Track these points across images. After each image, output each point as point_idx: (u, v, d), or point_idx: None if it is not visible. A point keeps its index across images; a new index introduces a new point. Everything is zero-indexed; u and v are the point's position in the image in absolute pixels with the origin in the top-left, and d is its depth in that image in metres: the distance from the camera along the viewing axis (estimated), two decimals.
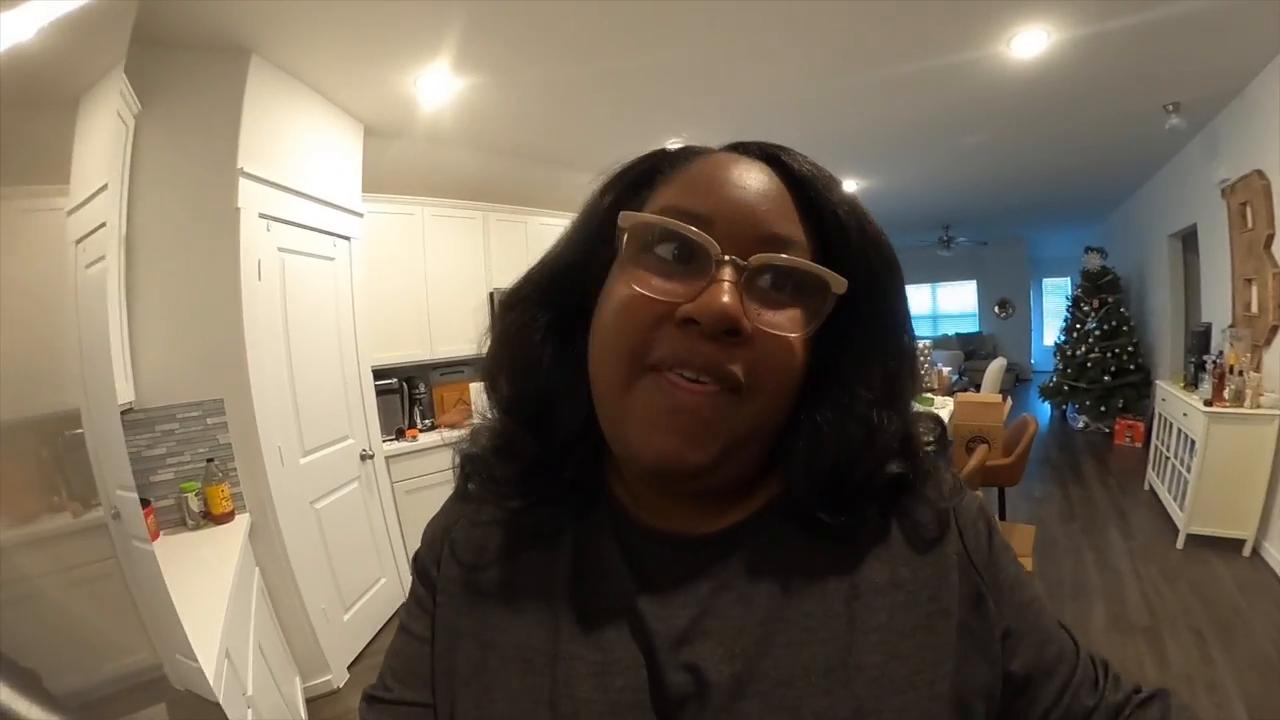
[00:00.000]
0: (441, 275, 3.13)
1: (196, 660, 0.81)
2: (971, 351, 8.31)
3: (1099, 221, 6.54)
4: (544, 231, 3.62)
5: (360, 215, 2.56)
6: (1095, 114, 2.95)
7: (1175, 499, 3.09)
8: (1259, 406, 2.62)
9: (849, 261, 0.34)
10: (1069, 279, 5.71)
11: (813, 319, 0.34)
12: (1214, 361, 2.94)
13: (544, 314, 0.38)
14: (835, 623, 0.34)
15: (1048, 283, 8.98)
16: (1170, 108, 2.77)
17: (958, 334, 9.01)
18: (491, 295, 3.33)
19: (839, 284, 0.33)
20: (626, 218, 0.34)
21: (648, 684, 0.34)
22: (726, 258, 0.32)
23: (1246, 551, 2.66)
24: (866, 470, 0.35)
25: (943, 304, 9.66)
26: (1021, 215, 6.45)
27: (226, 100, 1.85)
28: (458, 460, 0.43)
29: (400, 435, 2.90)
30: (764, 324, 0.32)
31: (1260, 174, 2.66)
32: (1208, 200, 3.27)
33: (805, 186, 0.35)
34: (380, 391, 2.75)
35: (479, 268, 3.32)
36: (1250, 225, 2.79)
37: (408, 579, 2.56)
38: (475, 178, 3.24)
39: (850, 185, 4.34)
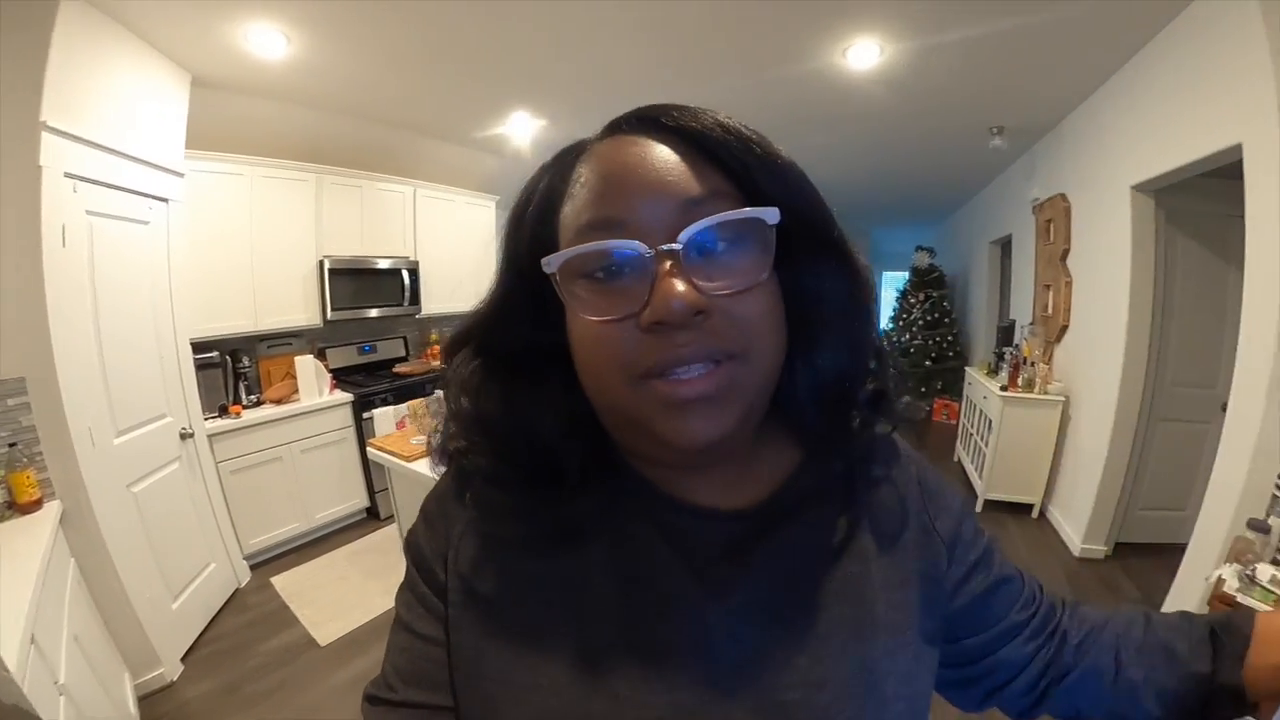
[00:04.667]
0: (270, 241, 3.36)
1: None
2: None
3: (938, 224, 8.03)
4: (381, 197, 3.92)
5: (181, 175, 2.71)
6: (931, 128, 3.73)
7: (977, 469, 4.15)
8: (1047, 393, 3.60)
9: (770, 189, 0.39)
10: (906, 273, 7.02)
11: (766, 260, 0.38)
12: (1012, 353, 3.94)
13: (497, 362, 0.46)
14: (853, 583, 0.46)
15: (887, 275, 10.61)
16: (995, 130, 3.61)
17: None
18: (322, 263, 3.60)
19: (770, 214, 0.37)
20: (549, 263, 0.38)
21: (698, 659, 0.42)
22: (656, 250, 0.36)
23: (1035, 514, 3.70)
24: (857, 387, 0.46)
25: None
26: (867, 214, 7.61)
27: (30, 43, 1.91)
28: (447, 454, 0.49)
29: (223, 412, 3.11)
30: (724, 288, 0.37)
31: (1063, 197, 3.57)
32: (1022, 215, 4.27)
33: (694, 138, 0.39)
34: (201, 365, 2.95)
35: (309, 233, 3.58)
36: (1052, 239, 3.73)
37: (239, 563, 2.98)
38: (310, 138, 3.43)
39: None
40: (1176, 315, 2.92)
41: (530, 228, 0.42)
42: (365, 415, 3.61)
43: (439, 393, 2.22)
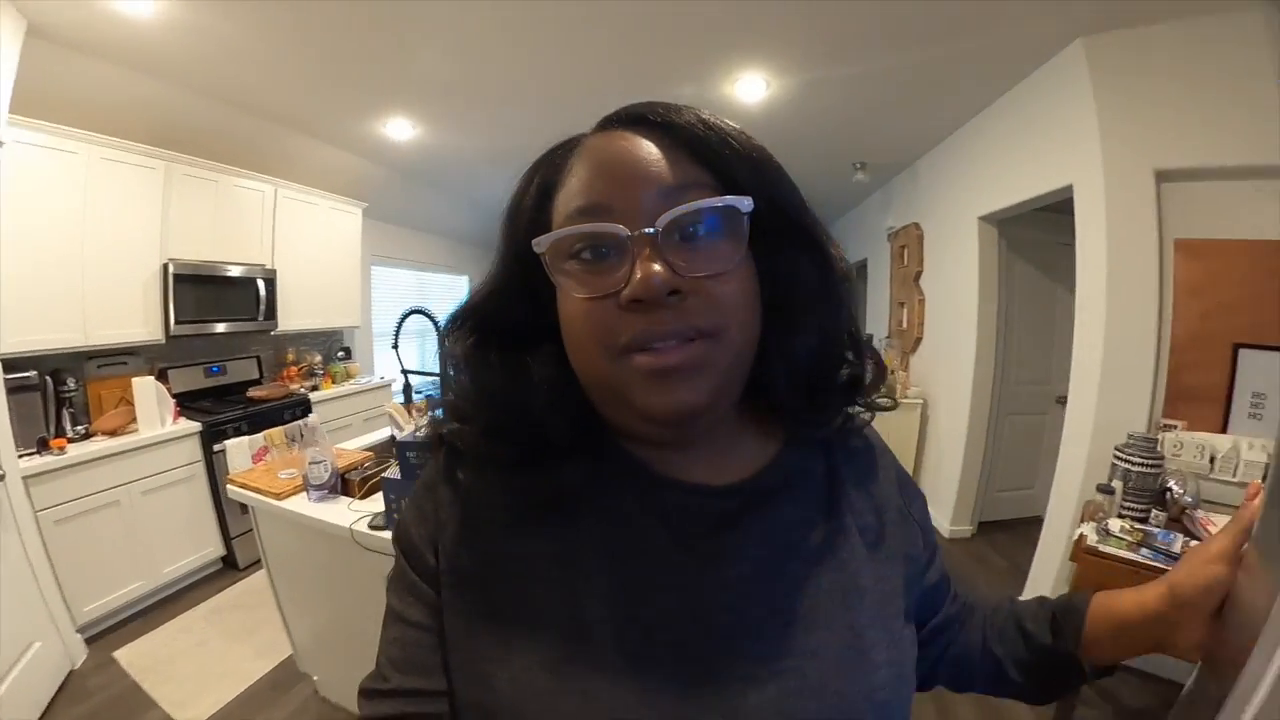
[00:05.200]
0: (106, 236, 2.83)
1: None
2: None
3: None
4: (238, 195, 3.51)
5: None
6: (803, 162, 4.15)
7: None
8: (907, 397, 4.12)
9: (746, 180, 0.43)
10: None
11: (740, 245, 0.42)
12: None
13: (494, 338, 0.49)
14: (840, 556, 0.48)
15: None
16: (858, 165, 4.15)
17: None
18: (166, 267, 3.11)
19: (743, 202, 0.41)
20: (539, 243, 0.42)
21: (692, 632, 0.43)
22: (635, 234, 0.40)
23: None
24: (831, 372, 0.50)
25: None
26: None
27: None
28: (441, 437, 0.52)
29: (44, 447, 2.50)
30: (699, 270, 0.40)
31: (916, 225, 4.18)
32: (877, 241, 4.95)
33: (677, 132, 0.43)
34: (14, 388, 2.37)
35: (154, 231, 3.07)
36: (905, 263, 4.34)
37: (72, 638, 2.46)
38: (164, 118, 2.98)
39: None
40: (1016, 325, 3.54)
41: (528, 214, 0.46)
42: (216, 448, 3.11)
43: (310, 419, 1.89)
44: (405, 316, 2.27)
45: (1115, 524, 2.18)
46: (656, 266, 0.39)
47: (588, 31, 2.42)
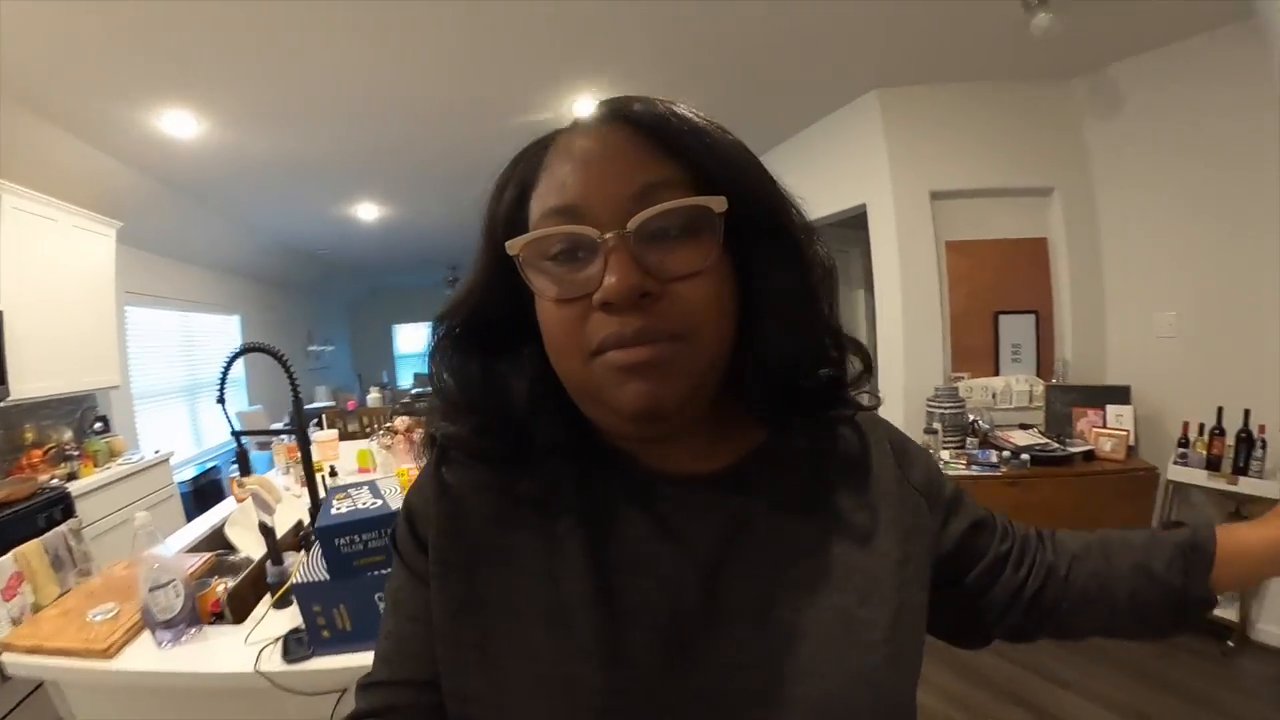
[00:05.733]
0: None
1: None
2: None
3: None
4: None
5: None
6: None
7: None
8: None
9: (721, 177, 0.42)
10: None
11: (713, 246, 0.41)
12: None
13: (477, 337, 0.49)
14: (828, 538, 0.48)
15: None
16: None
17: None
18: None
19: (717, 203, 0.41)
20: (512, 246, 0.42)
21: (674, 618, 0.44)
22: (606, 236, 0.40)
23: None
24: (807, 375, 0.48)
25: None
26: None
27: None
28: (434, 438, 0.52)
29: None
30: (671, 272, 0.40)
31: None
32: None
33: (652, 127, 0.42)
34: None
35: None
36: None
37: None
38: None
39: (369, 211, 4.98)
40: None
41: (505, 213, 0.46)
42: None
43: (139, 517, 1.36)
44: (235, 356, 1.80)
45: (945, 455, 2.93)
46: (627, 269, 0.39)
47: (416, 37, 2.37)
